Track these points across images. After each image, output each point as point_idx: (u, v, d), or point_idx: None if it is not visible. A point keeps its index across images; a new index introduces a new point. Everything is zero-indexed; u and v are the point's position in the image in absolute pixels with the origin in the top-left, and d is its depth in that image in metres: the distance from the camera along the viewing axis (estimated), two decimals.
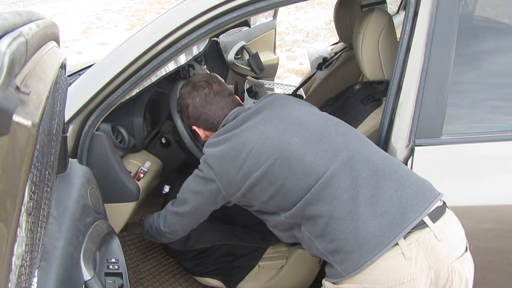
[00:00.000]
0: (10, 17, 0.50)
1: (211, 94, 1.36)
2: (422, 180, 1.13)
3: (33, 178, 0.61)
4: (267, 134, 1.18)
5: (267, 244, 1.78)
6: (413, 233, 1.03)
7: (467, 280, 1.06)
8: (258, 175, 1.16)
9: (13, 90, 0.46)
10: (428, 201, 1.06)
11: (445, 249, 1.03)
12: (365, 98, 1.68)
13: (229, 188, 1.21)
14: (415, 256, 1.01)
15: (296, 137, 1.16)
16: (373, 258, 1.01)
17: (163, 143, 1.79)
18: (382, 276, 1.02)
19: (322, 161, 1.12)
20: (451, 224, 1.08)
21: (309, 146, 1.14)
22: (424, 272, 1.01)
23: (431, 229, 1.03)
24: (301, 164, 1.12)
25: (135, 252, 2.11)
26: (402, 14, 3.03)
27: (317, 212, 1.09)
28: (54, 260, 0.79)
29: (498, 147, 1.27)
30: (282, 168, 1.13)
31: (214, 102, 1.35)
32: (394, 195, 1.06)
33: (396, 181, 1.08)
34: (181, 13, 1.23)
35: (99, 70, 1.30)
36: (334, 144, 1.15)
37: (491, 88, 1.32)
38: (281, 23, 7.59)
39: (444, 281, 1.03)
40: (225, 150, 1.20)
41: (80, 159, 1.33)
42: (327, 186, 1.09)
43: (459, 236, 1.09)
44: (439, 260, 1.02)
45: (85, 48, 6.94)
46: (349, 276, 1.04)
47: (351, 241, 1.03)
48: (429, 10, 1.18)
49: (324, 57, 2.59)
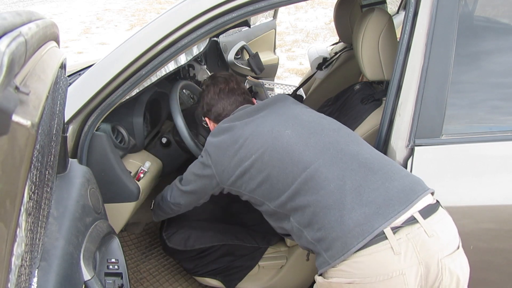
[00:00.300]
0: (9, 17, 0.50)
1: (225, 90, 1.46)
2: (412, 176, 1.15)
3: (33, 178, 0.61)
4: (262, 127, 1.25)
5: (267, 244, 1.78)
6: (403, 229, 1.03)
7: (458, 277, 1.05)
8: (248, 163, 1.22)
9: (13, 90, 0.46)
10: (416, 194, 1.07)
11: (435, 245, 1.03)
12: (365, 98, 1.68)
13: (222, 175, 1.29)
14: (405, 251, 1.01)
15: (288, 129, 1.22)
16: (357, 245, 1.02)
17: (163, 143, 1.79)
18: (371, 270, 1.02)
19: (311, 153, 1.16)
20: (442, 221, 1.08)
21: (300, 138, 1.20)
22: (413, 267, 1.01)
23: (422, 225, 1.04)
24: (290, 154, 1.17)
25: (135, 252, 2.11)
26: (402, 14, 3.03)
27: (305, 202, 1.12)
28: (54, 260, 0.79)
29: (498, 147, 1.27)
30: (271, 158, 1.19)
31: (226, 98, 1.44)
32: (381, 187, 1.08)
33: (385, 174, 1.11)
34: (181, 13, 1.23)
35: (99, 70, 1.30)
36: (324, 138, 1.19)
37: (491, 88, 1.32)
38: (281, 23, 7.59)
39: (434, 277, 1.03)
40: (223, 140, 1.29)
41: (80, 159, 1.33)
42: (315, 177, 1.12)
43: (451, 234, 1.08)
44: (429, 256, 1.02)
45: (85, 48, 6.94)
46: (335, 263, 1.05)
47: (336, 228, 1.05)
48: (429, 10, 1.18)
49: (324, 57, 2.59)
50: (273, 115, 1.29)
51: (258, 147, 1.21)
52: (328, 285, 1.09)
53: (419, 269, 1.02)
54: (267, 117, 1.29)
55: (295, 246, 1.74)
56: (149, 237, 2.22)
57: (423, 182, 1.13)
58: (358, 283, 1.02)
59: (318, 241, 1.10)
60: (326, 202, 1.09)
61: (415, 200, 1.06)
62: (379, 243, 1.01)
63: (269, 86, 3.38)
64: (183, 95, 2.12)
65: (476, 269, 1.11)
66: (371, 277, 1.01)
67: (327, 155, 1.15)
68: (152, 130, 1.84)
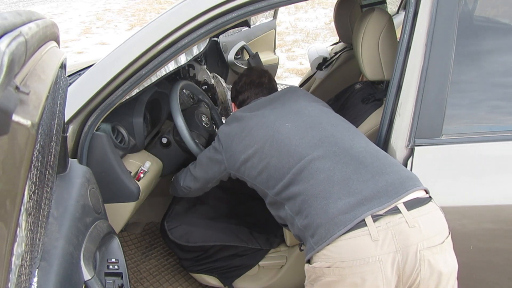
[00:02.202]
0: (9, 17, 0.50)
1: (254, 82, 1.58)
2: (405, 171, 1.16)
3: (33, 178, 0.61)
4: (267, 118, 1.34)
5: (270, 247, 1.78)
6: (384, 217, 1.04)
7: (440, 272, 1.05)
8: (251, 152, 1.31)
9: (13, 90, 0.46)
10: (405, 189, 1.08)
11: (415, 236, 1.04)
12: (366, 98, 1.68)
13: (230, 160, 1.39)
14: (383, 238, 1.03)
15: (289, 122, 1.30)
16: (338, 232, 1.04)
17: (163, 143, 1.79)
18: (349, 254, 1.04)
19: (307, 145, 1.22)
20: (429, 215, 1.08)
21: (299, 131, 1.27)
22: (390, 254, 1.02)
23: (404, 216, 1.05)
24: (287, 146, 1.24)
25: (135, 252, 2.11)
26: (402, 14, 3.03)
27: (296, 191, 1.17)
28: (54, 260, 0.79)
29: (498, 147, 1.27)
30: (271, 148, 1.27)
31: (254, 89, 1.57)
32: (371, 180, 1.11)
33: (376, 168, 1.13)
34: (181, 13, 1.23)
35: (99, 70, 1.30)
36: (322, 132, 1.25)
37: (491, 88, 1.32)
38: (281, 23, 7.59)
39: (412, 267, 1.03)
40: (233, 128, 1.40)
41: (80, 159, 1.33)
42: (308, 168, 1.17)
43: (436, 228, 1.08)
44: (407, 246, 1.03)
45: (85, 48, 6.94)
46: (318, 249, 1.07)
47: (321, 215, 1.09)
48: (429, 10, 1.18)
49: (324, 57, 2.59)
50: (279, 108, 1.38)
51: (260, 137, 1.30)
52: (312, 270, 1.11)
53: (396, 256, 1.03)
54: (273, 109, 1.38)
55: (295, 246, 1.74)
56: (149, 237, 2.22)
57: (416, 178, 1.14)
58: (337, 267, 1.04)
59: (305, 228, 1.13)
60: (314, 191, 1.13)
61: (402, 194, 1.07)
62: (358, 229, 1.04)
63: None
64: (183, 95, 2.12)
65: (476, 269, 1.11)
66: (349, 261, 1.03)
67: (322, 148, 1.20)
68: (152, 130, 1.83)
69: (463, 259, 1.13)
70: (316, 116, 1.32)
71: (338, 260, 1.04)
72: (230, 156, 1.38)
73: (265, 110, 1.39)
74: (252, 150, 1.31)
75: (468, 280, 1.30)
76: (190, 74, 2.35)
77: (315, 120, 1.30)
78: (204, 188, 1.61)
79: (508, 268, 1.35)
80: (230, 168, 1.41)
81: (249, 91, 1.57)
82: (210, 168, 1.49)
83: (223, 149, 1.41)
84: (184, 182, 1.62)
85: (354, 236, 1.04)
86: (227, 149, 1.40)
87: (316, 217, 1.10)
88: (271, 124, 1.31)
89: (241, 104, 1.57)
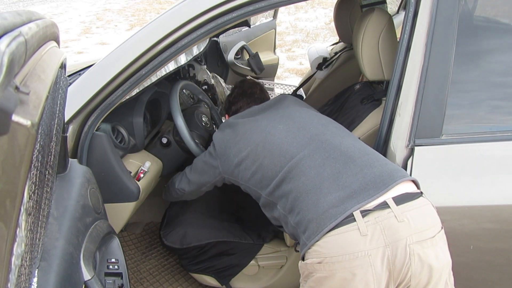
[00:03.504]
0: (9, 17, 0.50)
1: (246, 92, 1.63)
2: (393, 164, 1.18)
3: (33, 178, 0.61)
4: (260, 123, 1.38)
5: (262, 242, 1.80)
6: (373, 212, 1.05)
7: (431, 266, 1.04)
8: (244, 154, 1.34)
9: (13, 90, 0.46)
10: (393, 179, 1.09)
11: (404, 230, 1.04)
12: (365, 98, 1.68)
13: (224, 164, 1.43)
14: (372, 233, 1.03)
15: (281, 124, 1.35)
16: (329, 225, 1.05)
17: (163, 143, 1.79)
18: (338, 249, 1.04)
19: (298, 144, 1.26)
20: (418, 210, 1.08)
21: (290, 131, 1.31)
22: (379, 249, 1.03)
23: (392, 210, 1.05)
24: (279, 146, 1.28)
25: (135, 252, 2.11)
26: (402, 14, 3.03)
27: (288, 189, 1.20)
28: (54, 260, 0.79)
29: (498, 147, 1.27)
30: (264, 149, 1.30)
31: (245, 99, 1.62)
32: (359, 173, 1.13)
33: (365, 162, 1.16)
34: (181, 13, 1.23)
35: (99, 70, 1.30)
36: (312, 130, 1.30)
37: (491, 88, 1.32)
38: (281, 23, 7.59)
39: (402, 262, 1.03)
40: (227, 134, 1.44)
41: (80, 159, 1.33)
42: (299, 165, 1.20)
43: (426, 223, 1.07)
44: (396, 240, 1.03)
45: (85, 48, 6.94)
46: (310, 244, 1.08)
47: (312, 210, 1.11)
48: (429, 10, 1.18)
49: (324, 57, 2.59)
50: (271, 113, 1.42)
51: (253, 140, 1.34)
52: (304, 266, 1.12)
53: (385, 251, 1.03)
54: (266, 115, 1.42)
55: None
56: (149, 237, 2.22)
57: (403, 171, 1.16)
58: (327, 262, 1.05)
59: (297, 224, 1.14)
60: (305, 187, 1.15)
61: (391, 185, 1.08)
62: (347, 225, 1.05)
63: (269, 86, 3.38)
64: (183, 95, 2.12)
65: (476, 269, 1.11)
66: (338, 256, 1.04)
67: (312, 146, 1.23)
68: (152, 130, 1.84)
69: (463, 259, 1.13)
70: (307, 118, 1.37)
71: (328, 256, 1.05)
72: (225, 160, 1.42)
73: (257, 116, 1.43)
74: (245, 152, 1.34)
75: (468, 280, 1.30)
76: (190, 74, 2.35)
77: (306, 121, 1.34)
78: (198, 192, 1.65)
79: (508, 268, 1.35)
80: (224, 172, 1.44)
81: (241, 101, 1.62)
82: (205, 172, 1.52)
83: (218, 154, 1.45)
84: (179, 184, 1.66)
85: (343, 231, 1.05)
86: (221, 155, 1.43)
87: (308, 213, 1.11)
88: (263, 128, 1.35)
89: (234, 114, 1.60)
